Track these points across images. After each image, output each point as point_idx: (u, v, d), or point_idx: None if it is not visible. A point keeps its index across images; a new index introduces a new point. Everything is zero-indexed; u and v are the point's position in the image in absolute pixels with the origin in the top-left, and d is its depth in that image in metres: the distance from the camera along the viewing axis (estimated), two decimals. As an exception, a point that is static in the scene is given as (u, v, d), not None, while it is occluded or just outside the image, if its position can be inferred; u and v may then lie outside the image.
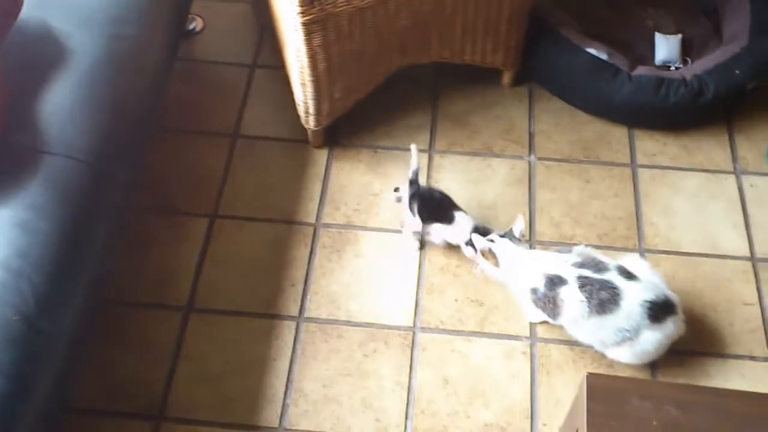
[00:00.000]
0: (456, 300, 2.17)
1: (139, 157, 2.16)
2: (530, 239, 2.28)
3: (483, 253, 2.03)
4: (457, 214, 2.16)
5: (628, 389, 1.38)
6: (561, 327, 2.03)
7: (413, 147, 2.18)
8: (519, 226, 2.06)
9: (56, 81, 1.87)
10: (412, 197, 2.17)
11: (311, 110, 2.31)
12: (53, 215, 1.70)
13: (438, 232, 2.19)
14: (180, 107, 2.56)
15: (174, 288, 2.18)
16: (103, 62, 1.96)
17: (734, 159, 2.46)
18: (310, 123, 2.36)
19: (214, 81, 2.65)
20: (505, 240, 2.06)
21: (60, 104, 1.85)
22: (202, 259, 2.23)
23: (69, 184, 1.76)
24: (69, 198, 1.75)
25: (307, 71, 2.19)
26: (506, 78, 2.61)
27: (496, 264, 2.10)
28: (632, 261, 2.04)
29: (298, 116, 2.39)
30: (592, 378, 1.37)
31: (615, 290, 1.92)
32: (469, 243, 2.12)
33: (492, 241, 2.07)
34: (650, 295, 1.92)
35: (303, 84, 2.24)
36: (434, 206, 2.18)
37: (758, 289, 2.19)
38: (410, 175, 2.17)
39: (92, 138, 1.85)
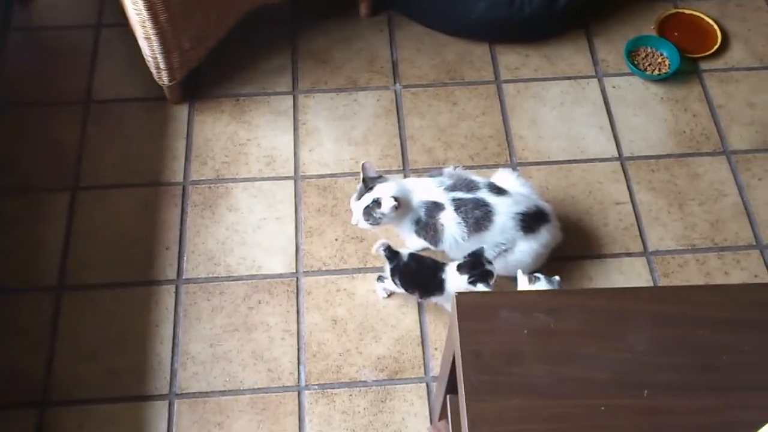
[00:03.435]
0: (336, 239, 2.14)
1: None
2: (404, 169, 2.26)
3: (398, 205, 1.87)
4: (446, 271, 1.91)
5: (497, 302, 1.37)
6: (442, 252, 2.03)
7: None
8: (370, 171, 1.95)
9: None
10: (393, 271, 1.94)
11: (162, 65, 2.21)
12: None
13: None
14: (24, 79, 2.41)
15: (42, 269, 2.08)
16: None
17: (595, 63, 2.49)
18: (163, 79, 2.26)
19: (58, 47, 2.50)
20: (381, 184, 1.93)
21: None
22: (68, 234, 2.13)
23: None
24: None
25: (149, 24, 2.08)
26: (363, 8, 2.55)
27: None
28: (502, 176, 2.04)
29: (151, 73, 2.28)
30: (460, 297, 1.36)
31: (487, 207, 1.92)
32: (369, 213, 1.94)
33: (376, 199, 1.89)
34: (521, 208, 1.93)
35: (148, 38, 2.13)
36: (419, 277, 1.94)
37: (629, 187, 2.23)
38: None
39: None
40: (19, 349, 1.97)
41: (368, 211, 1.91)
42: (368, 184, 1.94)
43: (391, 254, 1.92)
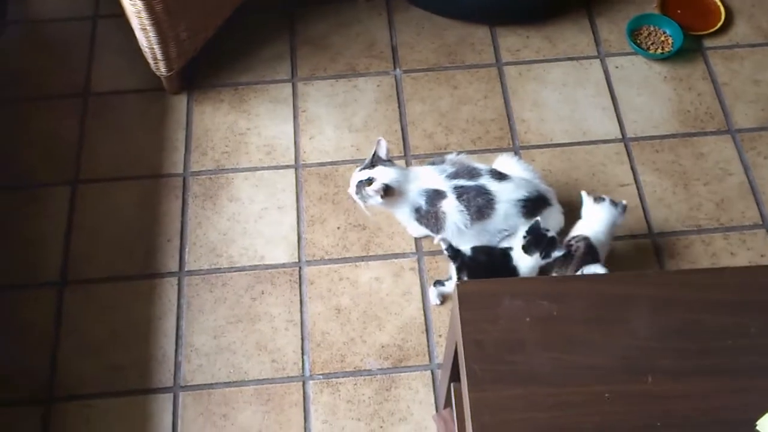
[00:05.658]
0: (338, 228, 2.13)
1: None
2: (405, 155, 2.25)
3: (385, 194, 1.88)
4: (513, 256, 1.90)
5: (499, 290, 1.36)
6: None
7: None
8: (382, 150, 1.94)
9: None
10: (459, 269, 1.90)
11: (159, 56, 2.19)
12: None
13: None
14: (22, 74, 2.40)
15: (44, 264, 2.07)
16: None
17: (597, 43, 2.45)
18: (161, 69, 2.24)
19: (55, 40, 2.49)
20: (381, 167, 1.92)
21: None
22: (70, 228, 2.12)
23: None
24: None
25: (144, 15, 2.06)
26: (361, -7, 2.53)
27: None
28: (504, 161, 2.02)
29: (148, 64, 2.26)
30: (461, 286, 1.35)
31: (489, 194, 1.90)
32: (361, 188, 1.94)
33: (370, 178, 1.91)
34: (523, 193, 1.91)
35: (144, 29, 2.11)
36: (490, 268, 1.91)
37: (632, 169, 2.21)
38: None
39: None
40: (23, 345, 1.97)
41: (360, 186, 1.92)
42: (374, 162, 1.94)
43: (454, 253, 1.88)
